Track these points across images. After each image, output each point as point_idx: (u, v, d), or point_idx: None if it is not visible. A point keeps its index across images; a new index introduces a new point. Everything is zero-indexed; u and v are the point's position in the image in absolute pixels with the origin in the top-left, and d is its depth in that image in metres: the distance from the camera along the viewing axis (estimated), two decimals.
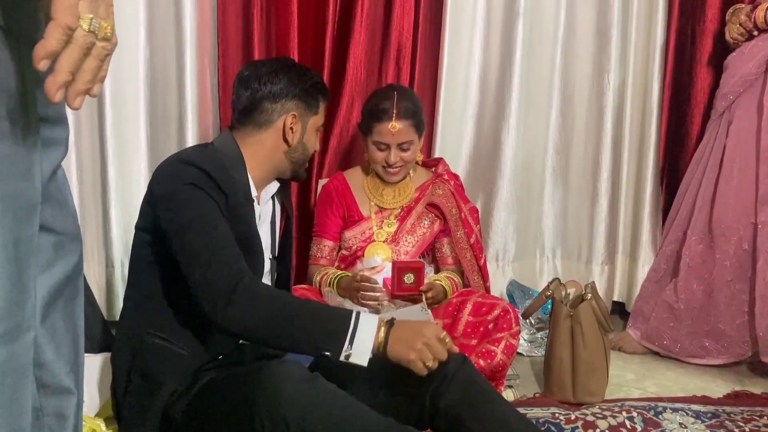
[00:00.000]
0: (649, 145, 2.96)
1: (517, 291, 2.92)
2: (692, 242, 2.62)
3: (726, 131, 2.60)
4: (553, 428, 1.96)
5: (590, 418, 2.02)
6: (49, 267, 0.90)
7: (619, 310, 3.08)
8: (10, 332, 0.80)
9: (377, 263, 2.26)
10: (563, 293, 2.26)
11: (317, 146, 1.81)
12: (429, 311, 1.98)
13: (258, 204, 1.71)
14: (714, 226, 2.56)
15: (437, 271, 2.39)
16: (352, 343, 1.41)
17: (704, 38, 2.86)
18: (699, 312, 2.60)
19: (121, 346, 1.64)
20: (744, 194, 2.51)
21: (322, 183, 2.51)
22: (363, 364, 1.42)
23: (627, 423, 2.00)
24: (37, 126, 0.83)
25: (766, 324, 2.44)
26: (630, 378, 2.47)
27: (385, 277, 2.18)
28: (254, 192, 1.68)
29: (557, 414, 2.04)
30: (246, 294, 1.45)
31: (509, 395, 2.18)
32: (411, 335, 1.44)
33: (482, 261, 2.39)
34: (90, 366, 1.57)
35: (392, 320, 1.48)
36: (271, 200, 1.78)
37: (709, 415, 2.09)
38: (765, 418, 2.08)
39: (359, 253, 2.33)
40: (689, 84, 2.92)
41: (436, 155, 2.77)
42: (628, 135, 2.96)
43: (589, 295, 2.20)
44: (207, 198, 1.52)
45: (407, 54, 2.76)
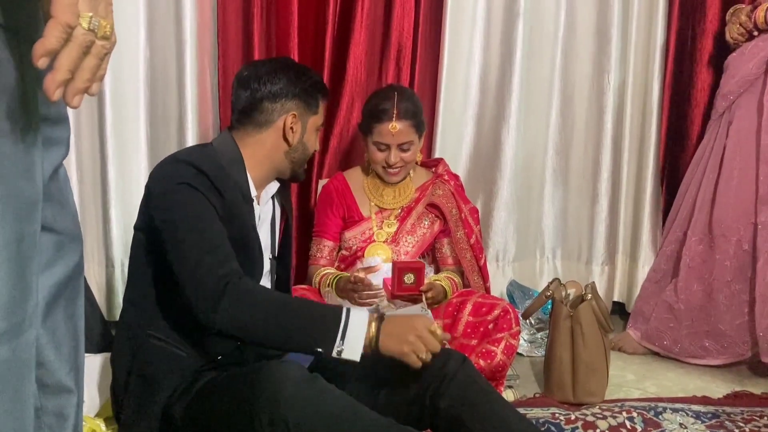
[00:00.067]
0: (649, 146, 2.96)
1: (517, 291, 2.92)
2: (692, 242, 2.62)
3: (726, 131, 2.60)
4: (553, 428, 1.96)
5: (590, 419, 2.02)
6: (50, 267, 0.90)
7: (619, 311, 3.08)
8: (13, 330, 0.80)
9: (377, 263, 2.26)
10: (563, 293, 2.26)
11: (317, 146, 1.81)
12: (429, 311, 1.98)
13: (258, 204, 1.71)
14: (714, 227, 2.56)
15: (437, 272, 2.39)
16: (344, 339, 1.41)
17: (704, 38, 2.86)
18: (699, 312, 2.59)
19: (121, 347, 1.64)
20: (744, 194, 2.51)
21: (322, 183, 2.51)
22: (355, 360, 1.43)
23: (627, 423, 2.00)
24: (38, 125, 0.83)
25: (766, 324, 2.44)
26: (630, 378, 2.47)
27: (385, 278, 2.17)
28: (254, 192, 1.68)
29: (557, 414, 2.04)
30: (235, 294, 1.44)
31: (509, 395, 2.18)
32: (403, 329, 1.45)
33: (482, 261, 2.39)
34: (90, 366, 1.57)
35: (382, 315, 1.48)
36: (271, 200, 1.78)
37: (709, 416, 2.09)
38: (765, 419, 2.08)
39: (359, 254, 2.33)
40: (689, 84, 2.92)
41: (436, 155, 2.76)
42: (628, 135, 2.96)
43: (589, 296, 2.20)
44: (201, 198, 1.52)
45: (407, 54, 2.76)
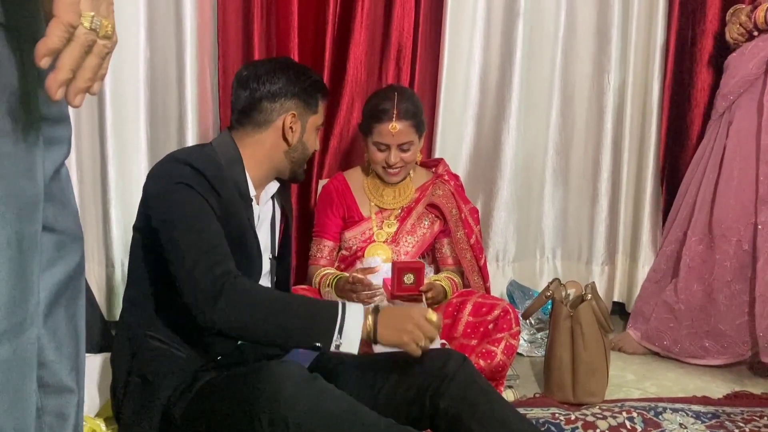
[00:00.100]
0: (650, 146, 2.96)
1: (517, 291, 2.92)
2: (692, 243, 2.62)
3: (726, 131, 2.60)
4: (553, 428, 1.96)
5: (590, 419, 2.02)
6: (51, 267, 0.90)
7: (619, 311, 3.08)
8: (14, 329, 0.80)
9: (377, 263, 2.26)
10: (563, 294, 2.26)
11: (317, 146, 1.80)
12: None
13: (257, 204, 1.71)
14: (714, 227, 2.56)
15: (437, 272, 2.39)
16: (342, 333, 1.43)
17: (704, 38, 2.86)
18: (699, 312, 2.59)
19: (121, 347, 1.64)
20: (744, 194, 2.51)
21: (323, 183, 2.51)
22: (354, 353, 1.44)
23: (627, 423, 2.00)
24: (39, 124, 0.83)
25: (766, 324, 2.44)
26: (630, 378, 2.47)
27: (385, 278, 2.17)
28: (252, 192, 1.67)
29: (557, 414, 2.05)
30: (232, 294, 1.44)
31: (509, 395, 2.18)
32: (400, 319, 1.47)
33: (482, 261, 2.38)
34: (90, 366, 1.56)
35: (378, 307, 1.50)
36: (271, 201, 1.78)
37: (709, 416, 2.09)
38: (765, 419, 2.08)
39: (359, 254, 2.33)
40: (689, 84, 2.92)
41: (437, 155, 2.76)
42: (629, 135, 2.96)
43: (589, 296, 2.20)
44: (198, 197, 1.52)
45: (407, 54, 2.76)
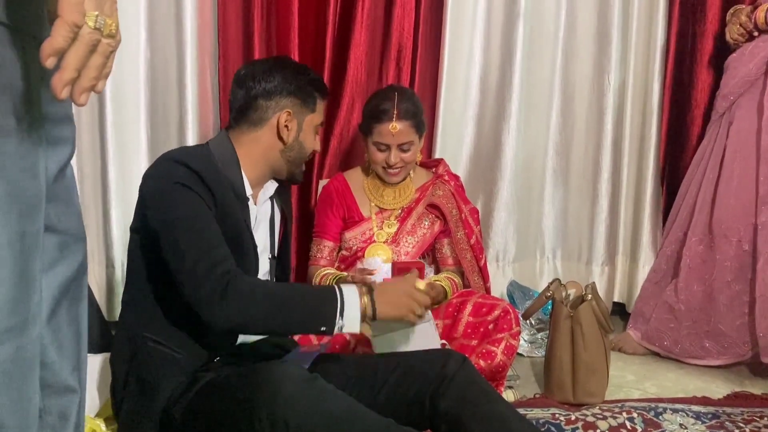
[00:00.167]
0: (650, 146, 2.96)
1: (518, 292, 2.92)
2: (692, 243, 2.62)
3: (726, 132, 2.60)
4: (554, 429, 1.96)
5: (590, 419, 2.02)
6: (54, 267, 0.90)
7: (620, 311, 3.08)
8: (18, 327, 0.80)
9: (377, 264, 2.26)
10: (563, 294, 2.26)
11: (317, 146, 1.79)
12: (429, 311, 1.98)
13: (255, 204, 1.71)
14: (714, 227, 2.56)
15: (437, 272, 2.39)
16: (343, 316, 1.49)
17: (705, 39, 2.87)
18: (699, 313, 2.60)
19: (120, 348, 1.63)
20: (744, 195, 2.51)
21: (323, 184, 2.51)
22: (357, 331, 1.52)
23: (627, 424, 2.00)
24: (42, 124, 0.83)
25: (767, 324, 2.44)
26: (630, 379, 2.47)
27: (385, 278, 2.17)
28: (249, 191, 1.67)
29: (557, 415, 2.05)
30: (236, 292, 1.45)
31: (509, 396, 2.18)
32: (395, 295, 1.57)
33: (482, 262, 2.38)
34: (90, 366, 1.55)
35: (370, 286, 1.56)
36: (270, 201, 1.78)
37: (710, 416, 2.09)
38: (765, 419, 2.09)
39: (359, 254, 2.33)
40: (690, 85, 2.92)
41: (437, 156, 2.77)
42: (629, 136, 2.96)
43: (590, 296, 2.20)
44: (196, 197, 1.52)
45: (408, 55, 2.77)
